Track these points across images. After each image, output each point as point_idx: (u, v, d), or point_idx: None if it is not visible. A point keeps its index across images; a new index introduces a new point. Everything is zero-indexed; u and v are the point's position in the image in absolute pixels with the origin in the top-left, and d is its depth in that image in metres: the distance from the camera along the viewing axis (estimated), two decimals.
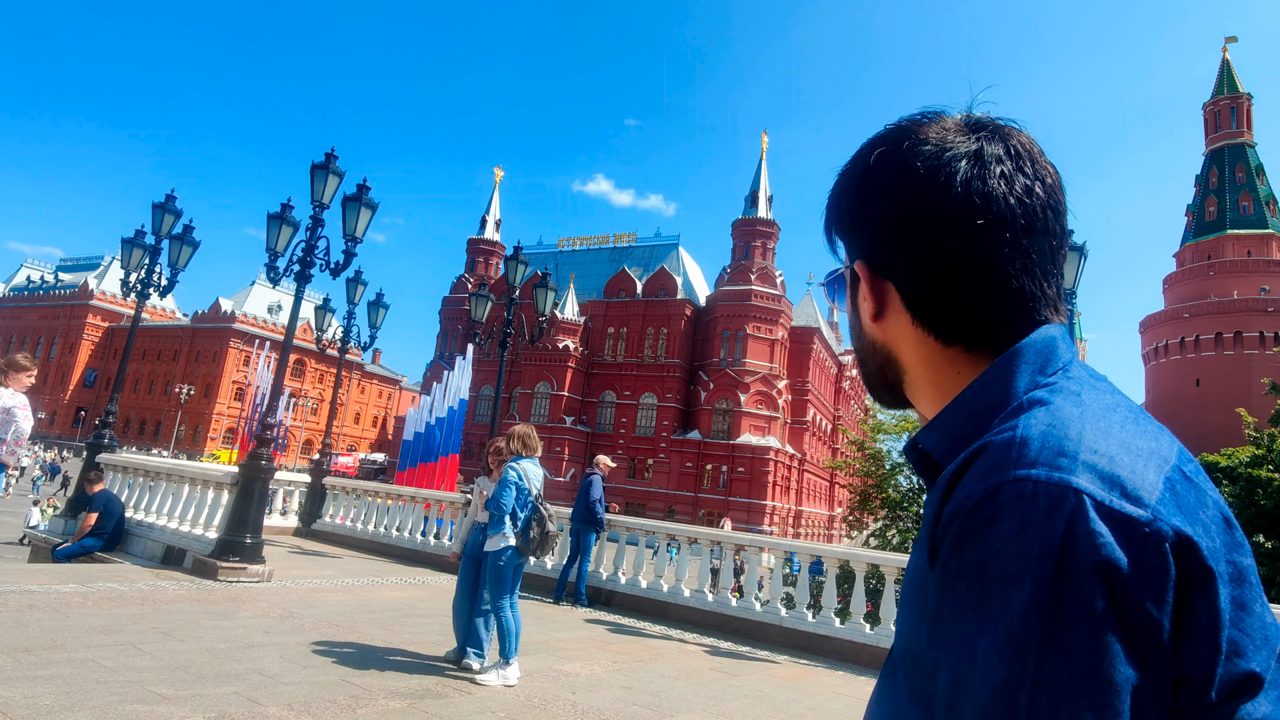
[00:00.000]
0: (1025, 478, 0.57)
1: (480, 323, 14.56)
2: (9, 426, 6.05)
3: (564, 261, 69.77)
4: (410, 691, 4.90)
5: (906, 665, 0.66)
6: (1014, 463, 0.59)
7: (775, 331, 64.03)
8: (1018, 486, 0.57)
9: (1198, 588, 0.56)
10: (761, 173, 67.38)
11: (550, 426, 61.07)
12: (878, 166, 0.74)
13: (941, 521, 0.61)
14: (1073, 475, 0.57)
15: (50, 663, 4.56)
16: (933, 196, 0.70)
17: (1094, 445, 0.59)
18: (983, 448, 0.63)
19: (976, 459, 0.62)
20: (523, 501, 5.66)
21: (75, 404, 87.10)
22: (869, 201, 0.75)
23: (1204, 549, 0.57)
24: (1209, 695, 0.57)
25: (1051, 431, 0.61)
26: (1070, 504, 0.55)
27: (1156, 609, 0.54)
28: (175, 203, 12.18)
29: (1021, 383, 0.68)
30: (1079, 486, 0.56)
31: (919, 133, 0.74)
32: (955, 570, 0.58)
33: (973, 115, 0.75)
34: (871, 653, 7.91)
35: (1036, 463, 0.58)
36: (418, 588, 9.57)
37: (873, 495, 21.91)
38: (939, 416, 0.72)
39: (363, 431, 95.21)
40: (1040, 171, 0.72)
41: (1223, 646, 0.57)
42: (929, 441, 0.72)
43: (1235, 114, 68.27)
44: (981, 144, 0.72)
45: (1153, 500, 0.57)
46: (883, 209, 0.73)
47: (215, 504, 9.49)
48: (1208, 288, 64.19)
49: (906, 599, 0.69)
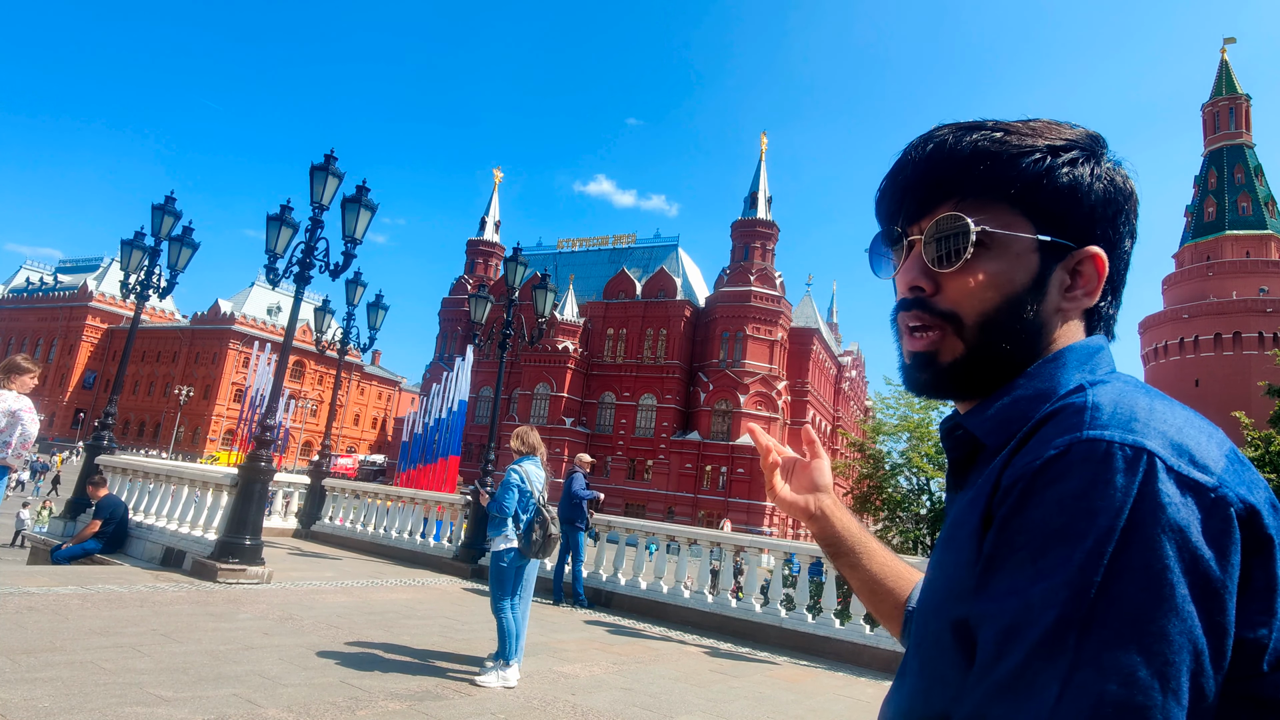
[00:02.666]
0: (1099, 438, 0.59)
1: (480, 324, 14.55)
2: (14, 430, 6.04)
3: (563, 263, 69.79)
4: (410, 693, 4.90)
5: (925, 650, 0.68)
6: (1087, 424, 0.60)
7: (775, 333, 64.05)
8: (1090, 446, 0.58)
9: (1257, 557, 0.58)
10: (761, 174, 67.44)
11: (550, 428, 61.05)
12: (1109, 160, 0.76)
13: (1002, 486, 0.62)
14: (1145, 439, 0.58)
15: (49, 665, 4.55)
16: (1132, 197, 0.77)
17: (1163, 417, 0.61)
18: (1051, 414, 0.64)
19: (1044, 425, 0.64)
20: (525, 503, 5.65)
21: (74, 405, 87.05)
22: (1106, 187, 0.76)
23: (1266, 519, 0.59)
24: (1261, 664, 0.58)
25: (1122, 402, 0.63)
26: (1143, 464, 0.57)
27: (1221, 570, 0.55)
28: (175, 204, 12.16)
29: (1070, 377, 0.70)
30: (1152, 449, 0.58)
31: (1099, 136, 0.78)
32: (1016, 527, 0.59)
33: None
34: (872, 654, 7.90)
35: (1110, 425, 0.60)
36: (417, 589, 9.56)
37: (873, 496, 21.92)
38: (990, 400, 0.73)
39: (362, 433, 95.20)
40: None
41: (1278, 614, 0.58)
42: (975, 424, 0.73)
43: (1234, 115, 68.31)
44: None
45: (1219, 470, 0.58)
46: (1109, 198, 0.75)
47: (214, 506, 9.48)
48: (1207, 288, 64.22)
49: (933, 583, 0.70)
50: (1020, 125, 0.75)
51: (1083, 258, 0.73)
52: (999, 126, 0.75)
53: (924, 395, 0.79)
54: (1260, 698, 0.58)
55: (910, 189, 0.77)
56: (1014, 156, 0.72)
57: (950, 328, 0.74)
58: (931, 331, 0.75)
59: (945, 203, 0.75)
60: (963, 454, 0.74)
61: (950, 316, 0.74)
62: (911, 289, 0.76)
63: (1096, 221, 0.74)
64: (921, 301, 0.75)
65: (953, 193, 0.74)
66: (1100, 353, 0.73)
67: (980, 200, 0.73)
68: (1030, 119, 0.77)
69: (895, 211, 0.79)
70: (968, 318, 0.73)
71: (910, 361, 0.78)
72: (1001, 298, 0.72)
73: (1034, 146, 0.73)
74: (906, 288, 0.76)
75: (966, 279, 0.73)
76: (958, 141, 0.75)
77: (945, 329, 0.74)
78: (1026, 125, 0.75)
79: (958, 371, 0.74)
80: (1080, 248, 0.73)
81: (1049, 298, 0.73)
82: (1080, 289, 0.74)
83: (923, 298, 0.75)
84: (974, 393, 0.76)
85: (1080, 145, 0.74)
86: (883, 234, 0.81)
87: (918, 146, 0.77)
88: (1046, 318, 0.73)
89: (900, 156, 0.79)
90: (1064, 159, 0.73)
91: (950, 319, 0.74)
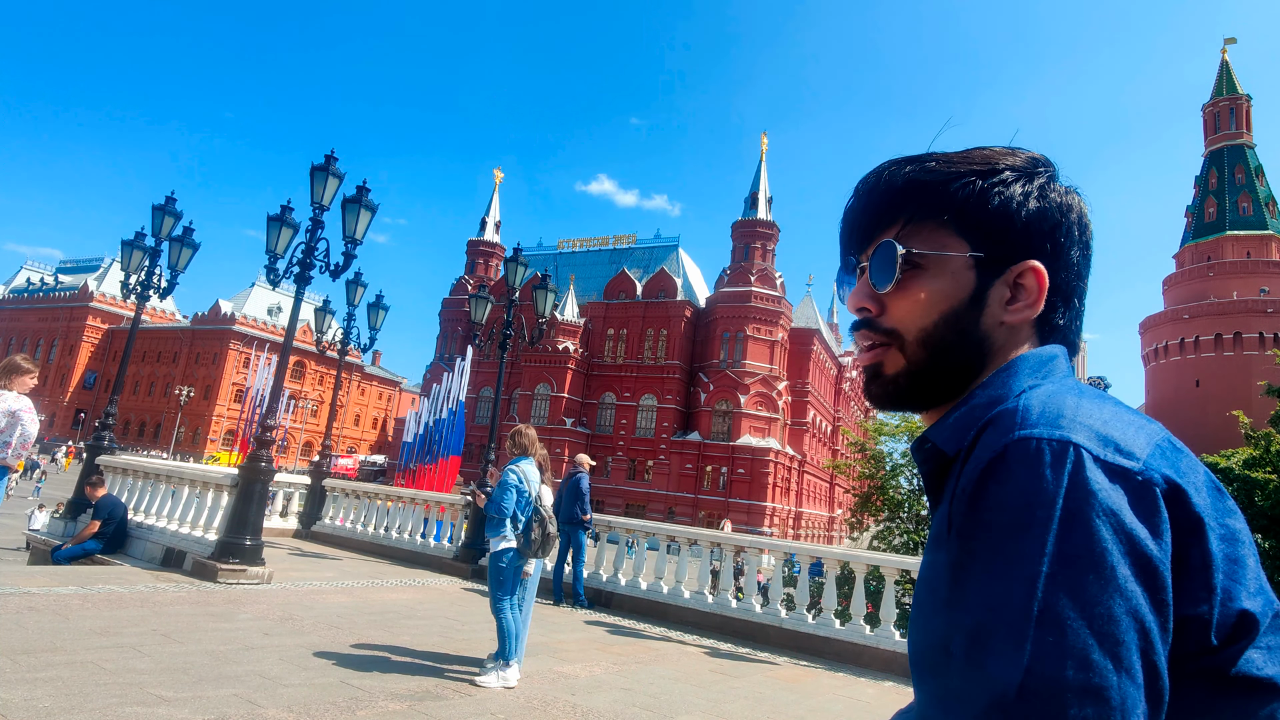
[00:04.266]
0: (1028, 436, 0.63)
1: (480, 324, 14.55)
2: (14, 430, 6.05)
3: (564, 263, 69.79)
4: (410, 693, 4.90)
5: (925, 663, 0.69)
6: (1017, 426, 0.64)
7: (775, 333, 64.05)
8: (1021, 445, 0.62)
9: (1190, 536, 0.61)
10: (761, 174, 67.47)
11: (550, 428, 61.06)
12: (1044, 178, 0.80)
13: (955, 496, 0.65)
14: (1071, 433, 0.62)
15: (50, 665, 4.56)
16: (1071, 211, 0.80)
17: (1089, 413, 0.65)
18: (988, 422, 0.68)
19: (985, 431, 0.67)
20: (523, 504, 5.65)
21: (75, 406, 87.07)
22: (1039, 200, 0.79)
23: (1193, 500, 0.62)
24: (1210, 638, 0.61)
25: (1050, 402, 0.67)
26: (1070, 456, 0.60)
27: (1155, 549, 0.58)
28: (175, 204, 12.16)
29: (1021, 383, 0.74)
30: (1077, 442, 0.61)
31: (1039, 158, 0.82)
32: (969, 532, 0.62)
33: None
34: (872, 654, 7.90)
35: (1038, 424, 0.64)
36: (417, 589, 9.56)
37: (874, 496, 21.92)
38: (950, 411, 0.77)
39: (363, 433, 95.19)
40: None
41: (1218, 589, 0.61)
42: (938, 435, 0.76)
43: (1234, 115, 68.31)
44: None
45: (1144, 456, 0.62)
46: (1048, 211, 0.79)
47: (215, 506, 9.48)
48: (1207, 289, 64.20)
49: (920, 599, 0.71)
50: (956, 155, 0.81)
51: (1022, 271, 0.77)
52: (933, 157, 0.81)
53: (878, 406, 0.84)
54: (1217, 672, 0.61)
55: (857, 221, 0.84)
56: (944, 182, 0.78)
57: (894, 344, 0.79)
58: (877, 348, 0.81)
59: (885, 231, 0.81)
60: (934, 466, 0.76)
61: (892, 333, 0.79)
62: (859, 310, 0.82)
63: (1033, 236, 0.77)
64: (869, 321, 0.81)
65: (892, 221, 0.81)
66: (1053, 361, 0.76)
67: (917, 225, 0.79)
68: (971, 148, 0.82)
69: (848, 242, 0.86)
70: (907, 333, 0.78)
71: (863, 375, 0.85)
72: (938, 313, 0.77)
73: (962, 172, 0.78)
74: (855, 309, 0.83)
75: (905, 298, 0.78)
76: (894, 175, 0.81)
77: (889, 344, 0.80)
78: (962, 155, 0.81)
79: (901, 382, 0.80)
80: (1017, 262, 0.77)
81: (989, 311, 0.77)
82: (1022, 301, 0.77)
83: (869, 318, 0.81)
84: (925, 403, 0.80)
85: (1014, 168, 0.79)
86: (841, 264, 0.88)
87: (865, 182, 0.84)
88: (989, 330, 0.77)
89: (852, 193, 0.86)
90: (994, 181, 0.78)
91: (893, 335, 0.79)
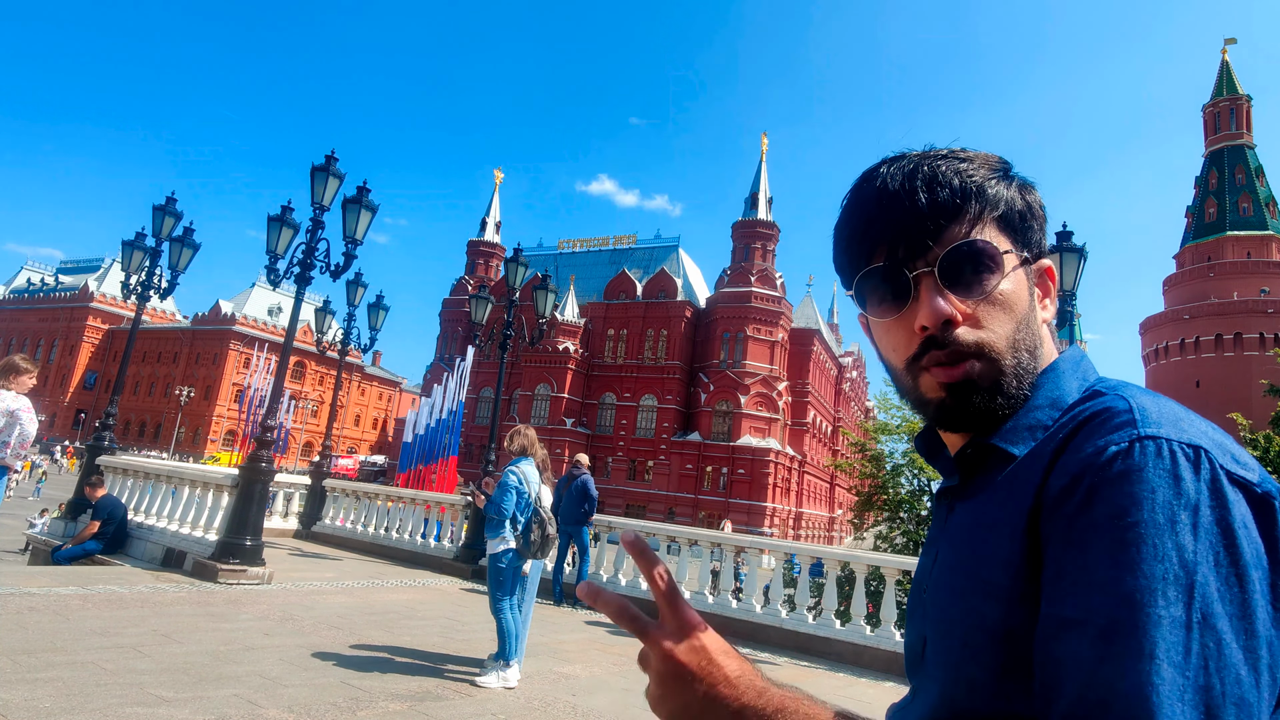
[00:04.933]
0: (1157, 435, 0.60)
1: (480, 325, 14.55)
2: (13, 430, 6.05)
3: (564, 263, 69.75)
4: (410, 694, 4.90)
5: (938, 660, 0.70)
6: (1139, 423, 0.62)
7: (775, 333, 64.01)
8: (1152, 443, 0.60)
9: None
10: (761, 175, 67.43)
11: (550, 428, 61.03)
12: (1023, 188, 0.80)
13: (1056, 486, 0.62)
14: (1197, 439, 0.60)
15: (50, 665, 4.56)
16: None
17: (1195, 420, 0.63)
18: (1092, 415, 0.66)
19: (1086, 425, 0.65)
20: (523, 505, 5.65)
21: (75, 406, 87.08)
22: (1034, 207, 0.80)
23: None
24: None
25: (1161, 404, 0.65)
26: (1205, 464, 0.59)
27: (1275, 562, 0.57)
28: (176, 205, 12.17)
29: (1071, 384, 0.73)
30: (1207, 449, 0.60)
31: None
32: (1085, 524, 0.59)
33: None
34: (873, 654, 7.89)
35: (1162, 424, 0.61)
36: (418, 590, 9.56)
37: (876, 496, 21.92)
38: (1013, 417, 0.74)
39: (363, 433, 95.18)
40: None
41: None
42: (1002, 439, 0.73)
43: (1235, 115, 68.27)
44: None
45: (1257, 469, 0.61)
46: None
47: (215, 506, 9.48)
48: (1208, 289, 64.16)
49: (953, 586, 0.71)
50: (961, 152, 0.77)
51: (1041, 270, 0.78)
52: (954, 154, 0.76)
53: (965, 427, 0.75)
54: None
55: (909, 220, 0.73)
56: (987, 180, 0.75)
57: (985, 354, 0.72)
58: (965, 361, 0.72)
59: (948, 230, 0.73)
60: (967, 469, 0.76)
61: (983, 344, 0.72)
62: (942, 323, 0.72)
63: (1044, 235, 0.80)
64: (947, 334, 0.72)
65: (952, 219, 0.73)
66: (1085, 359, 0.77)
67: (975, 225, 0.73)
68: (955, 148, 0.79)
69: (891, 245, 0.74)
70: (999, 340, 0.72)
71: (946, 393, 0.74)
72: (1020, 316, 0.74)
73: (995, 171, 0.77)
74: (935, 321, 0.72)
75: (990, 303, 0.73)
76: (945, 171, 0.74)
77: (981, 354, 0.72)
78: (967, 154, 0.77)
79: (998, 395, 0.73)
80: (1037, 261, 0.78)
81: (1038, 312, 0.77)
82: (1046, 299, 0.79)
83: (950, 332, 0.72)
84: (1006, 415, 0.74)
85: (1007, 169, 0.79)
86: (882, 270, 0.75)
87: (898, 178, 0.74)
88: (1042, 331, 0.77)
89: (873, 191, 0.76)
90: (1017, 181, 0.78)
91: (983, 346, 0.72)
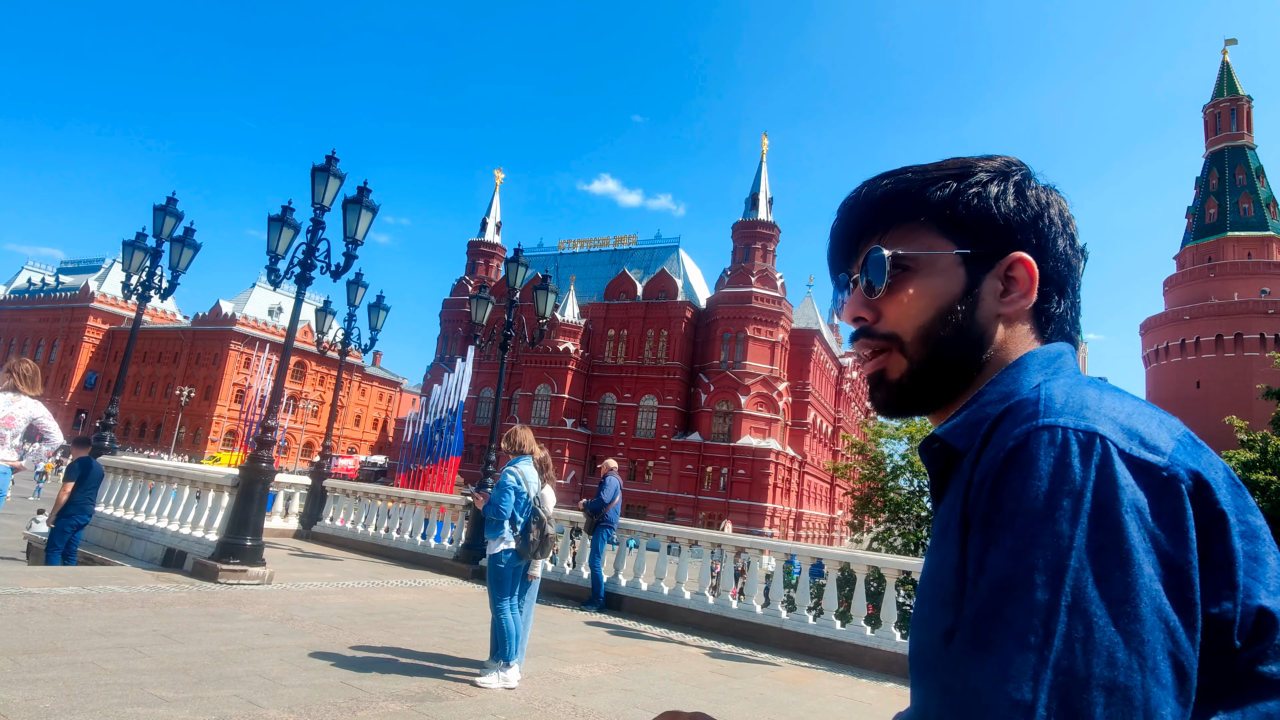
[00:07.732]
0: (1054, 424, 0.62)
1: (481, 325, 14.55)
2: (35, 434, 6.01)
3: (564, 264, 69.81)
4: (410, 694, 4.90)
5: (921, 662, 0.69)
6: (1041, 414, 0.63)
7: (776, 334, 64.03)
8: (1047, 432, 0.61)
9: (1214, 533, 0.60)
10: (762, 175, 67.46)
11: (551, 429, 61.06)
12: (1018, 175, 0.82)
13: (974, 484, 0.64)
14: (1097, 424, 0.61)
15: (50, 665, 4.56)
16: (1051, 206, 0.82)
17: (1112, 406, 0.64)
18: (1006, 411, 0.68)
19: (1002, 421, 0.67)
20: (522, 505, 5.65)
21: (76, 406, 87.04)
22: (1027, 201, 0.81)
23: (1217, 495, 0.61)
24: (1233, 639, 0.59)
25: (1072, 393, 0.66)
26: (1097, 448, 0.59)
27: (1181, 547, 0.57)
28: (176, 205, 12.17)
29: (1032, 378, 0.74)
30: (1103, 433, 0.60)
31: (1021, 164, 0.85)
32: (989, 519, 0.61)
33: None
34: (873, 655, 7.89)
35: (1062, 413, 0.63)
36: (418, 590, 9.56)
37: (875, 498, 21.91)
38: (960, 409, 0.77)
39: (363, 434, 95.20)
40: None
41: (1240, 587, 0.60)
42: (948, 432, 0.75)
43: (1235, 116, 68.34)
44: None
45: (1169, 450, 0.61)
46: (1037, 211, 0.81)
47: (215, 506, 9.48)
48: (1208, 290, 64.19)
49: (925, 595, 0.71)
50: (931, 165, 0.84)
51: (1011, 263, 0.79)
52: (909, 169, 0.84)
53: (885, 413, 0.85)
54: (1238, 672, 0.60)
55: (842, 237, 0.86)
56: (922, 187, 0.81)
57: (894, 347, 0.80)
58: (878, 355, 0.81)
59: (871, 241, 0.83)
60: (942, 464, 0.76)
61: (891, 337, 0.80)
62: (855, 320, 0.83)
63: (1016, 229, 0.79)
64: (866, 330, 0.82)
65: (876, 231, 0.83)
66: (1061, 357, 0.77)
67: (901, 231, 0.81)
68: (946, 159, 0.84)
69: (837, 259, 0.88)
70: (905, 334, 0.79)
71: (867, 384, 0.85)
72: (934, 310, 0.78)
73: (939, 176, 0.81)
74: (851, 319, 0.84)
75: (898, 300, 0.80)
76: (873, 189, 0.84)
77: (890, 349, 0.80)
78: (937, 164, 0.83)
79: (906, 384, 0.80)
80: (1004, 255, 0.79)
81: (984, 304, 0.78)
82: (1015, 292, 0.78)
83: (866, 326, 0.82)
84: (931, 403, 0.81)
85: (988, 170, 0.81)
86: (833, 282, 0.89)
87: (846, 201, 0.87)
88: (986, 323, 0.78)
89: (838, 211, 0.88)
90: (970, 181, 0.80)
91: (891, 339, 0.80)
